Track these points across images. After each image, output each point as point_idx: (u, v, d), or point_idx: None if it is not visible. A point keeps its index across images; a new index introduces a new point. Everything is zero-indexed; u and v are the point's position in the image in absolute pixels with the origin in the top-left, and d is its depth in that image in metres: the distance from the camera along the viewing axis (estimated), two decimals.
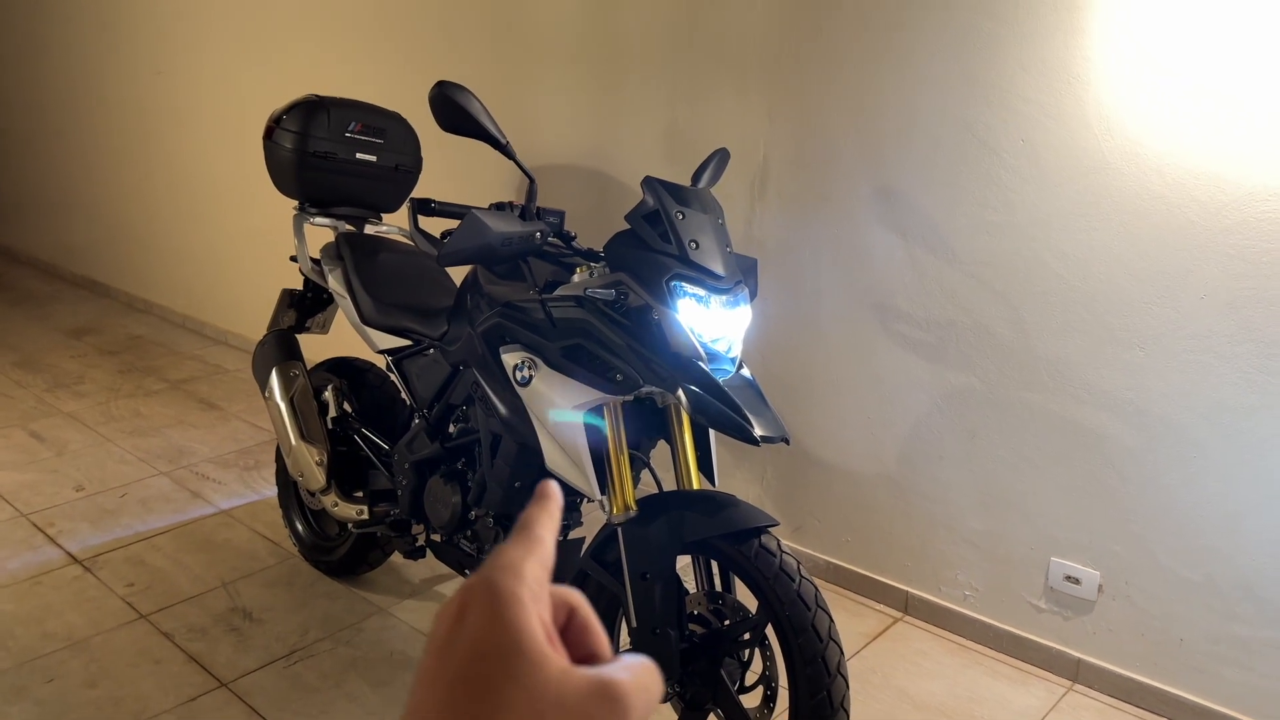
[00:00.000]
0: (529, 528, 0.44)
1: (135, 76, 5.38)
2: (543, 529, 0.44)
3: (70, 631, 2.65)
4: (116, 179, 5.84)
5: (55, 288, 6.40)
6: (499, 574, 0.40)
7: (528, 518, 0.45)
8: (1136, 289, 2.28)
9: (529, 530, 0.44)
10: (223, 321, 5.31)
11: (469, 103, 1.90)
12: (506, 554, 0.42)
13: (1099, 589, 2.48)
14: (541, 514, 0.45)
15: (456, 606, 0.39)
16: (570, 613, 0.43)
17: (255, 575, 2.97)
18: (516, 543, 0.43)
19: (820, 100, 2.71)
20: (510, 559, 0.41)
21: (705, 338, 1.81)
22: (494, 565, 0.41)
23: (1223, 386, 2.21)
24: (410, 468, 2.44)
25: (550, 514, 0.46)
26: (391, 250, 2.67)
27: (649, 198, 1.85)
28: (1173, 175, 2.18)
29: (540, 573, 0.42)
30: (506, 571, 0.40)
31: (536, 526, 0.44)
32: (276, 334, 2.81)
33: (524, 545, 0.43)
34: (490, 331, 2.07)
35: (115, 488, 3.53)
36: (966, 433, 2.63)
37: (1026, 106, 2.35)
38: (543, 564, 0.42)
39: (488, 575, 0.40)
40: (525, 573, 0.40)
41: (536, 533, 0.44)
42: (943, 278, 2.58)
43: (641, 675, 0.40)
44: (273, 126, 2.62)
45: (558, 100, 3.35)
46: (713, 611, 1.95)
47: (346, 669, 2.53)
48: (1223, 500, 2.26)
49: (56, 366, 4.82)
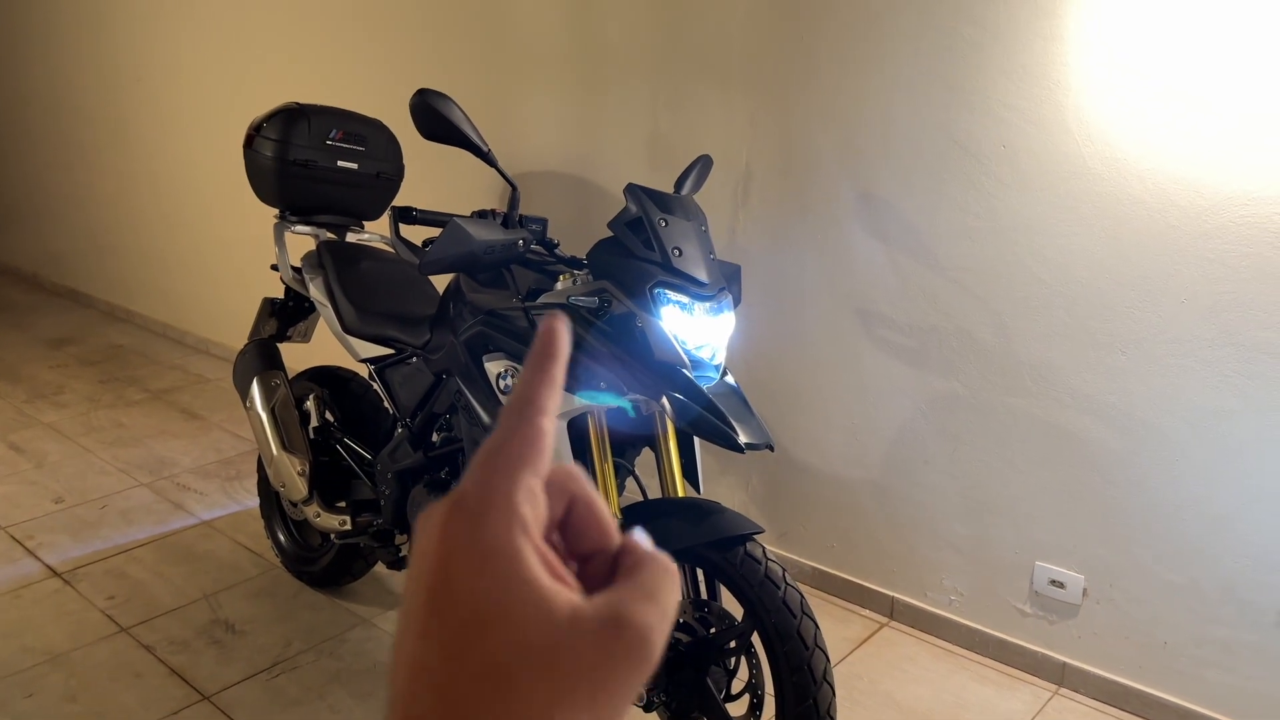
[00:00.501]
0: (522, 412, 0.37)
1: (115, 84, 5.35)
2: (538, 412, 0.37)
3: (50, 645, 2.62)
4: (97, 187, 5.80)
5: (35, 297, 6.34)
6: (487, 514, 0.34)
7: (522, 392, 0.37)
8: (1118, 293, 2.29)
9: (522, 417, 0.37)
10: (204, 331, 5.27)
11: (450, 110, 1.89)
12: (495, 466, 0.35)
13: (1083, 593, 2.49)
14: (539, 384, 0.38)
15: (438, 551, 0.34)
16: (570, 502, 0.38)
17: (237, 587, 2.94)
18: (507, 443, 0.36)
19: (802, 107, 2.71)
20: (499, 481, 0.35)
21: (689, 345, 1.81)
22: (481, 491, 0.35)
23: (1204, 390, 2.22)
24: (393, 477, 2.42)
25: (551, 380, 0.38)
26: (373, 258, 2.65)
27: (632, 205, 1.85)
28: (1152, 180, 2.19)
29: (535, 483, 0.35)
30: (495, 508, 0.34)
31: (530, 410, 0.37)
32: (258, 343, 2.79)
33: (516, 448, 0.36)
34: (473, 340, 2.06)
35: (95, 499, 3.49)
36: (950, 438, 2.63)
37: (1006, 112, 2.36)
38: (538, 469, 0.36)
39: (473, 513, 0.34)
40: (517, 498, 0.34)
41: (530, 421, 0.37)
42: (925, 283, 2.58)
43: (658, 592, 0.35)
44: (253, 134, 2.61)
45: (540, 107, 3.34)
46: (698, 620, 1.94)
47: (330, 681, 2.51)
48: (1205, 503, 2.27)
49: (36, 377, 4.77)
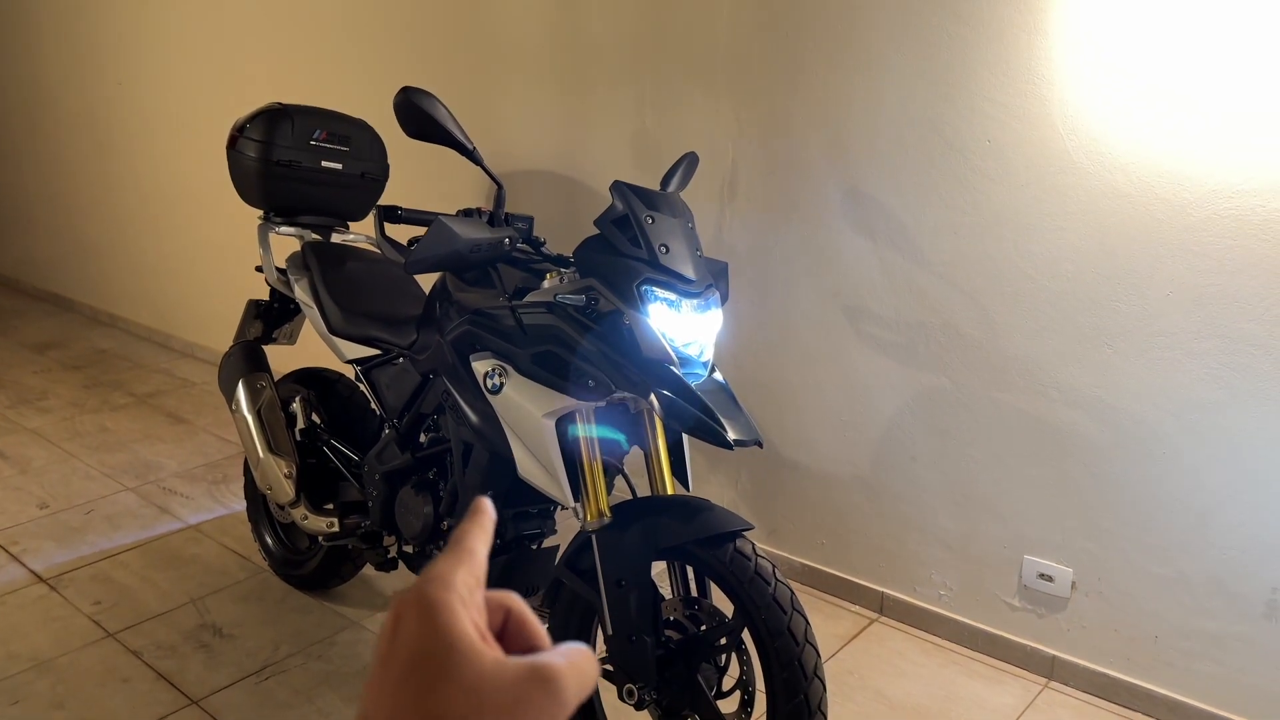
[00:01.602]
0: (460, 541, 0.46)
1: (97, 88, 5.31)
2: (474, 541, 0.46)
3: (36, 652, 2.60)
4: (79, 191, 5.76)
5: (18, 302, 6.30)
6: (429, 585, 0.42)
7: (460, 533, 0.47)
8: (1104, 287, 2.30)
9: (460, 544, 0.46)
10: (189, 334, 5.24)
11: (435, 109, 1.88)
12: (437, 567, 0.44)
13: (1072, 586, 2.50)
14: (473, 528, 0.47)
15: (393, 618, 0.42)
16: (507, 613, 0.46)
17: (225, 591, 2.92)
18: (447, 556, 0.45)
19: (788, 103, 2.71)
20: (440, 571, 0.43)
21: (677, 342, 1.81)
22: (425, 578, 0.43)
23: (1190, 383, 2.23)
24: (381, 479, 2.41)
25: (482, 527, 0.48)
26: (359, 259, 2.64)
27: (618, 202, 1.84)
28: (1137, 174, 2.20)
29: (471, 580, 0.44)
30: (435, 582, 0.42)
31: (468, 539, 0.46)
32: (243, 345, 2.78)
33: (454, 557, 0.45)
34: (460, 339, 2.05)
35: (81, 504, 3.47)
36: (938, 433, 2.64)
37: (991, 107, 2.37)
38: (473, 573, 0.45)
39: (419, 587, 0.42)
40: (455, 581, 0.43)
41: (467, 545, 0.46)
42: (912, 279, 2.59)
43: (574, 657, 0.42)
44: (236, 135, 2.59)
45: (525, 105, 3.33)
46: (689, 617, 1.94)
47: (319, 684, 2.49)
48: (1192, 496, 2.28)
49: (19, 382, 4.74)
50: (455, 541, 0.47)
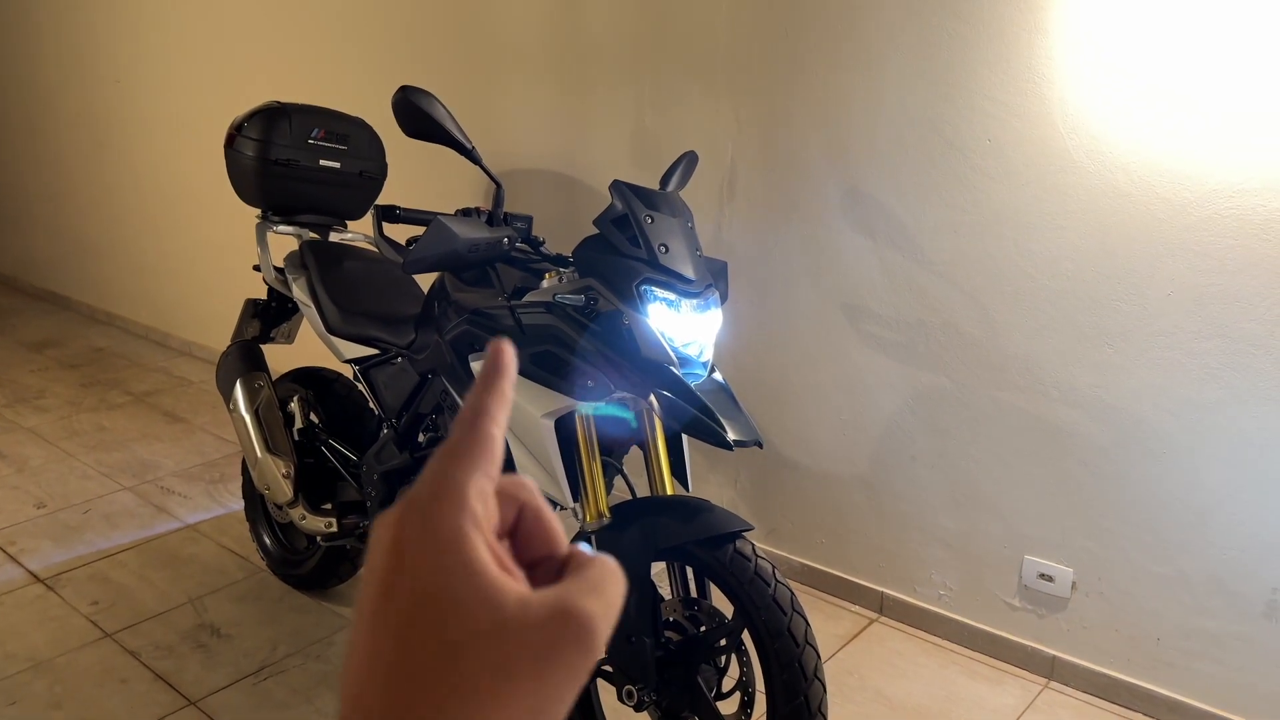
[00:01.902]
0: (475, 422, 0.38)
1: (94, 86, 5.30)
2: (490, 422, 0.38)
3: (33, 652, 2.59)
4: (77, 190, 5.75)
5: (15, 301, 6.28)
6: (438, 504, 0.35)
7: (473, 406, 0.39)
8: (1104, 286, 2.30)
9: (475, 427, 0.38)
10: (187, 333, 5.23)
11: (433, 108, 1.87)
12: (446, 467, 0.37)
13: (1072, 586, 2.49)
14: (490, 398, 0.39)
15: (392, 540, 0.35)
16: (520, 509, 0.39)
17: (223, 590, 2.92)
18: (459, 448, 0.37)
19: (787, 102, 2.70)
20: (451, 478, 0.36)
21: (676, 342, 1.80)
22: (433, 487, 0.36)
23: (1191, 382, 2.23)
24: (379, 478, 2.40)
25: (501, 394, 0.39)
26: (357, 258, 2.63)
27: (617, 202, 1.84)
28: (1138, 173, 2.20)
29: (486, 482, 0.37)
30: (447, 499, 0.35)
31: (483, 420, 0.38)
32: (240, 345, 2.77)
33: (468, 451, 0.37)
34: (459, 339, 2.05)
35: (78, 504, 3.46)
36: (938, 432, 2.63)
37: (992, 106, 2.36)
38: (489, 470, 0.37)
39: (426, 506, 0.35)
40: (468, 493, 0.36)
41: (483, 429, 0.38)
42: (912, 278, 2.58)
43: (603, 587, 0.37)
44: (234, 134, 2.58)
45: (524, 104, 3.32)
46: (688, 618, 1.93)
47: (317, 684, 2.49)
48: (1192, 495, 2.27)
49: (17, 381, 4.73)
50: (468, 421, 0.38)
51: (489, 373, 0.40)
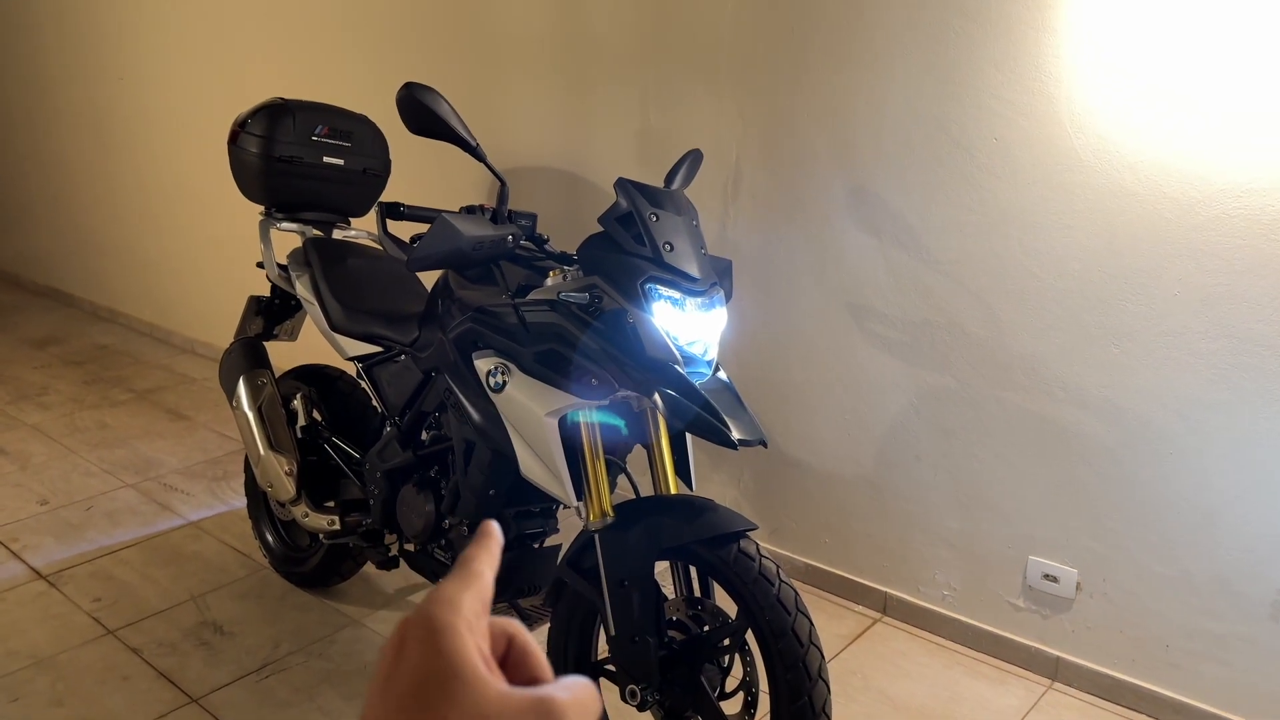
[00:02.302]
0: (467, 565, 0.46)
1: (98, 83, 5.29)
2: (481, 565, 0.46)
3: (35, 649, 2.59)
4: (80, 186, 5.74)
5: (18, 298, 6.28)
6: (435, 607, 0.42)
7: (467, 555, 0.47)
8: (1111, 286, 2.29)
9: (467, 566, 0.46)
10: (190, 330, 5.23)
11: (438, 105, 1.86)
12: (444, 589, 0.44)
13: (1077, 587, 2.48)
14: (481, 551, 0.47)
15: (396, 640, 0.42)
16: (510, 641, 0.45)
17: (225, 588, 2.91)
18: (454, 578, 0.45)
19: (792, 100, 2.69)
20: (447, 593, 0.43)
21: (681, 341, 1.79)
22: (431, 600, 0.43)
23: (1197, 383, 2.22)
24: (382, 476, 2.40)
25: (490, 551, 0.47)
26: (360, 255, 2.63)
27: (622, 200, 1.83)
28: (1145, 172, 2.19)
29: (477, 605, 0.44)
30: (442, 604, 0.42)
31: (475, 563, 0.46)
32: (243, 342, 2.76)
33: (462, 580, 0.44)
34: (462, 337, 2.04)
35: (81, 501, 3.46)
36: (943, 432, 2.62)
37: (998, 104, 2.35)
38: (480, 597, 0.44)
39: (424, 609, 0.42)
40: (461, 605, 0.42)
41: (475, 568, 0.45)
42: (917, 277, 2.57)
43: (578, 692, 0.42)
44: (237, 131, 2.58)
45: (528, 101, 3.32)
46: (692, 617, 1.93)
47: (319, 682, 2.48)
48: (1198, 496, 2.26)
49: (20, 378, 4.73)
50: (462, 564, 0.46)
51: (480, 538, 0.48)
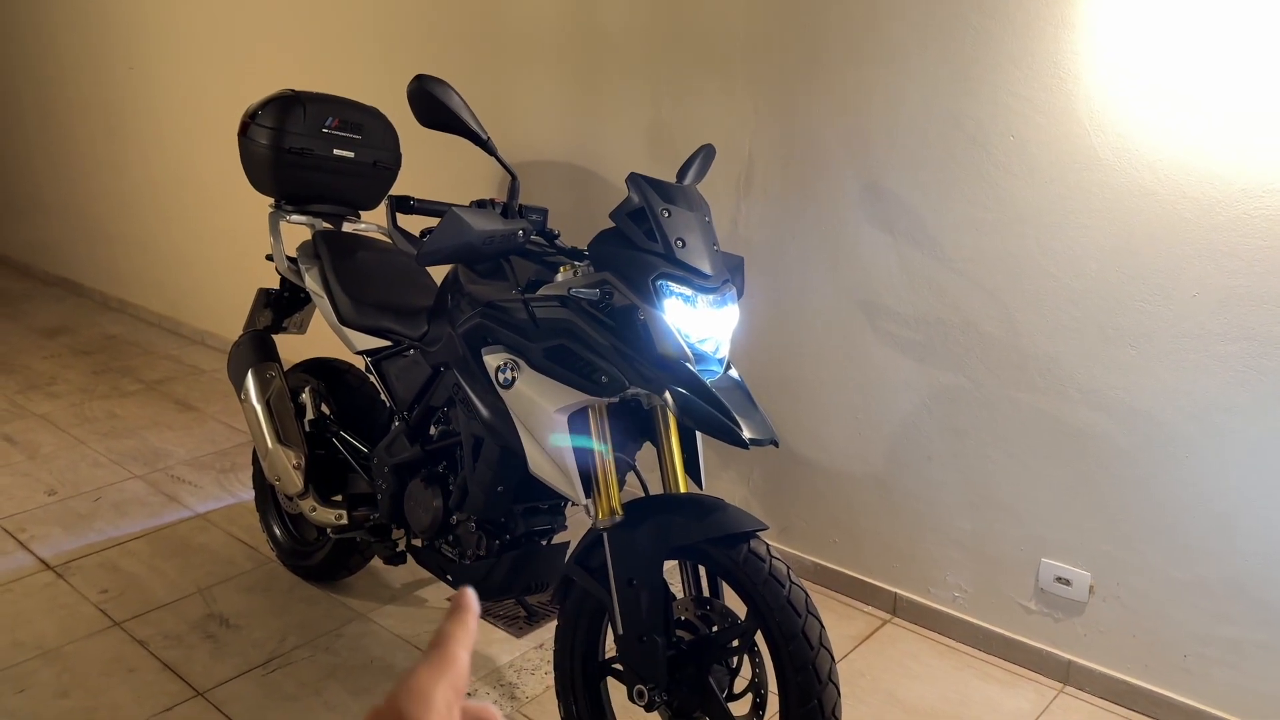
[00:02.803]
0: (442, 646, 0.46)
1: (108, 73, 5.29)
2: (457, 646, 0.46)
3: (42, 640, 2.59)
4: (90, 177, 5.75)
5: (28, 287, 6.29)
6: (407, 704, 0.42)
7: (442, 634, 0.46)
8: (1128, 286, 2.26)
9: (442, 649, 0.45)
10: (199, 321, 5.23)
11: (449, 97, 1.85)
12: (417, 679, 0.43)
13: (1090, 590, 2.46)
14: (457, 628, 0.47)
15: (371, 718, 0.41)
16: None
17: (232, 581, 2.91)
18: (428, 664, 0.44)
19: (806, 96, 2.67)
20: (420, 686, 0.43)
21: (692, 338, 1.77)
22: (405, 694, 0.42)
23: (1214, 385, 2.19)
24: (390, 471, 2.38)
25: (466, 627, 0.47)
26: (370, 249, 2.61)
27: (634, 195, 1.81)
28: (1164, 172, 2.16)
29: (451, 695, 0.43)
30: (415, 700, 0.42)
31: (450, 643, 0.46)
32: (252, 334, 2.76)
33: (436, 667, 0.44)
34: (472, 332, 2.02)
35: (89, 491, 3.46)
36: (955, 433, 2.60)
37: (1015, 101, 2.32)
38: (454, 685, 0.44)
39: (396, 705, 0.42)
40: (434, 699, 0.42)
41: (450, 651, 0.45)
42: (931, 275, 2.55)
43: None
44: (248, 122, 2.57)
45: (540, 95, 3.30)
46: (700, 617, 1.91)
47: (326, 677, 2.47)
48: (1214, 500, 2.24)
49: (29, 367, 4.73)
50: (437, 645, 0.46)
51: (456, 610, 0.48)
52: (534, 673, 2.51)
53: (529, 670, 2.52)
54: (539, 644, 2.62)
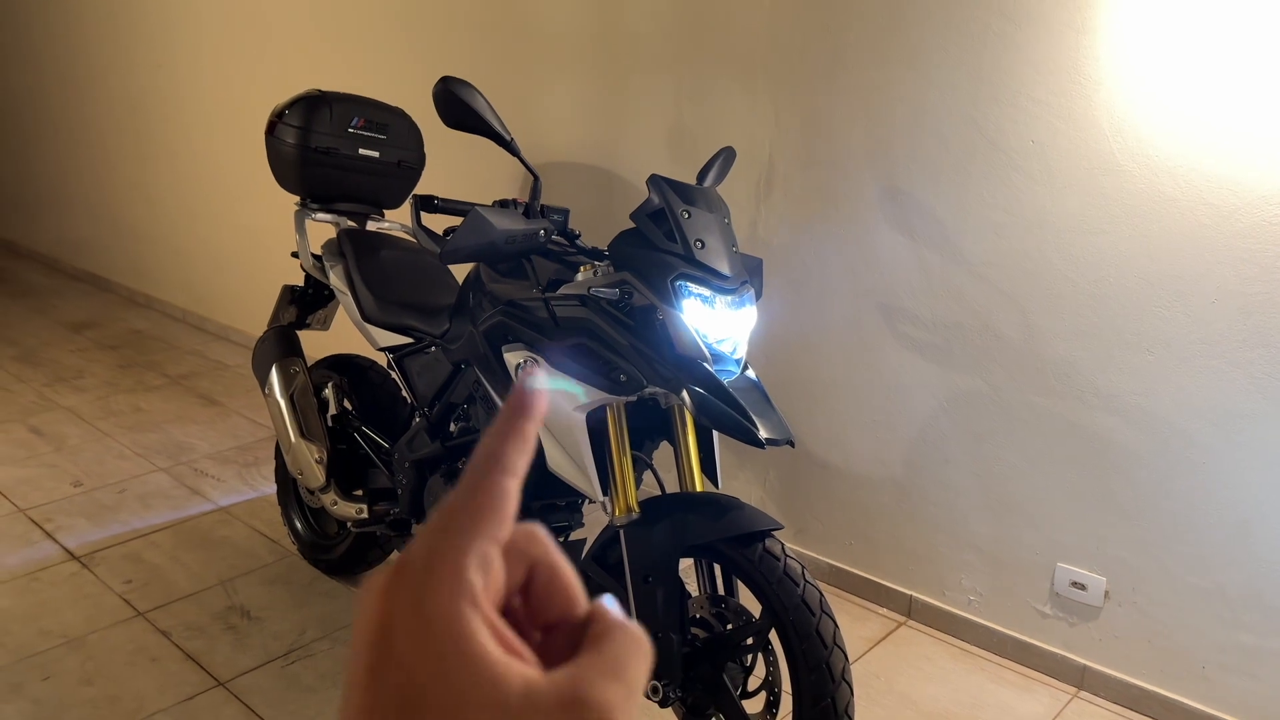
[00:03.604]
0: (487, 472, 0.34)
1: (136, 71, 5.36)
2: (504, 474, 0.34)
3: (67, 628, 2.63)
4: (118, 173, 5.82)
5: (56, 282, 6.38)
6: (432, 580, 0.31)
7: (490, 449, 0.35)
8: (1147, 292, 2.26)
9: (486, 477, 0.34)
10: (224, 317, 5.29)
11: (473, 98, 1.87)
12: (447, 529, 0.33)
13: (1105, 595, 2.46)
14: (509, 444, 0.35)
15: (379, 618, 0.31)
16: (532, 565, 0.35)
17: (253, 573, 2.95)
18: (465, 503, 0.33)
19: (827, 99, 2.68)
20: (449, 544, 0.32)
21: (710, 338, 1.79)
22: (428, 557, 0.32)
23: (1233, 392, 2.19)
24: (410, 466, 2.41)
25: (523, 439, 0.35)
26: (394, 247, 2.64)
27: (654, 196, 1.83)
28: (1185, 178, 2.16)
29: (490, 547, 0.33)
30: (442, 574, 0.31)
31: (495, 471, 0.34)
32: (277, 330, 2.79)
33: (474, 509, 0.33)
34: (493, 330, 2.05)
35: (114, 483, 3.51)
36: (973, 436, 2.60)
37: (1036, 107, 2.33)
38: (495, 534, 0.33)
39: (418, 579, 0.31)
40: (467, 566, 0.32)
41: (494, 482, 0.34)
42: (950, 279, 2.55)
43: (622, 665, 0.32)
44: (275, 121, 2.60)
45: (562, 97, 3.32)
46: (715, 615, 1.93)
47: (344, 670, 2.50)
48: (1232, 508, 2.23)
49: (56, 361, 4.80)
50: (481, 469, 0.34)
51: (512, 411, 0.35)
52: None
53: None
54: None
